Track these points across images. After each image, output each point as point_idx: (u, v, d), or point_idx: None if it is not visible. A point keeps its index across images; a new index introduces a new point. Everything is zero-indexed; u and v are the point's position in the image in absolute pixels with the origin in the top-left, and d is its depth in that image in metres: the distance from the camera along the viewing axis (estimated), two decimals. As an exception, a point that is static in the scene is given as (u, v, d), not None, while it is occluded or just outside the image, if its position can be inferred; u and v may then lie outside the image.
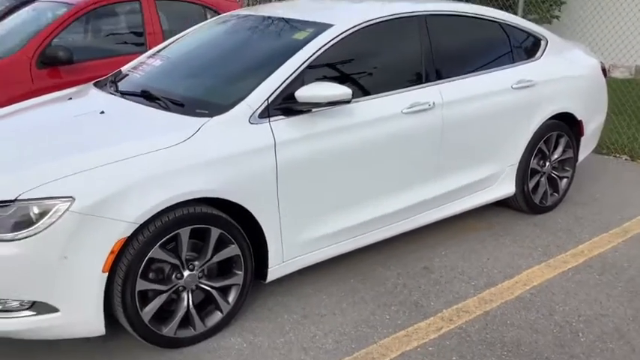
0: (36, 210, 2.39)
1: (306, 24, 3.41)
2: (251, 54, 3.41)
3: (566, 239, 3.93)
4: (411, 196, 3.53)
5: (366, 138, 3.21)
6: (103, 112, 3.03)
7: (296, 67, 3.04)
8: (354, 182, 3.23)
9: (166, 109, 3.00)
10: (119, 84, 3.53)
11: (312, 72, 3.10)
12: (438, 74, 3.59)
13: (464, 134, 3.67)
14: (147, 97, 3.16)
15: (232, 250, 2.83)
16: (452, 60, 3.71)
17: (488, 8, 4.09)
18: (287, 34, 3.41)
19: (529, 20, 9.40)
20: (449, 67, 3.66)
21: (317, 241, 3.16)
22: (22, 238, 2.37)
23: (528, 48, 4.18)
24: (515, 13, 6.83)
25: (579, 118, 4.38)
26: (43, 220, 2.38)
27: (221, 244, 2.79)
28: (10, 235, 2.37)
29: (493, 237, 3.95)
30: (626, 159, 5.76)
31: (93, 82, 3.73)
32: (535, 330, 2.93)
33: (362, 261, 3.56)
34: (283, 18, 3.62)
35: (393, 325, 2.97)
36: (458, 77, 3.67)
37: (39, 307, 2.46)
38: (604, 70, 4.67)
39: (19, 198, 2.39)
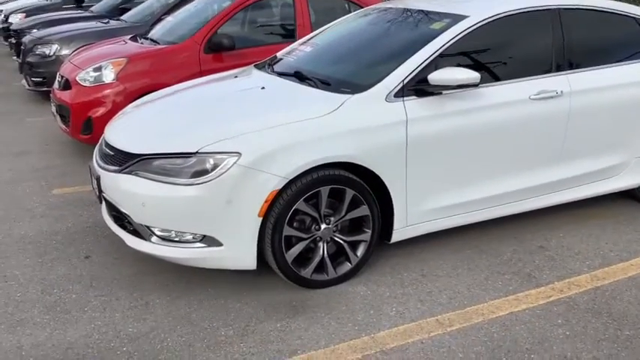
0: (211, 162, 2.98)
1: (443, 15, 3.76)
2: (390, 41, 3.83)
3: (692, 233, 3.95)
4: (532, 178, 3.76)
5: (492, 120, 3.50)
6: (263, 88, 3.61)
7: (430, 54, 3.41)
8: (477, 160, 3.54)
9: (315, 86, 3.51)
10: (275, 66, 4.11)
11: (446, 59, 3.45)
12: (567, 65, 3.78)
13: (589, 123, 3.83)
14: (299, 77, 3.70)
15: (363, 210, 3.27)
16: (582, 52, 3.87)
17: (623, 4, 4.17)
18: (424, 25, 3.78)
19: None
20: (579, 59, 3.84)
21: (438, 211, 3.52)
22: (199, 184, 2.97)
23: (663, 43, 4.20)
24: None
25: None
26: (216, 170, 2.97)
27: (354, 204, 3.25)
28: (190, 181, 2.99)
29: (614, 225, 4.06)
30: None
31: (254, 64, 4.35)
32: (643, 307, 3.09)
33: (479, 235, 3.86)
34: (422, 10, 4.00)
35: (504, 290, 3.26)
36: (587, 69, 3.84)
37: (208, 241, 3.07)
38: None
39: (199, 151, 3.00)
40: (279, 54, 4.43)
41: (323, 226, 3.21)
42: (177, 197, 2.99)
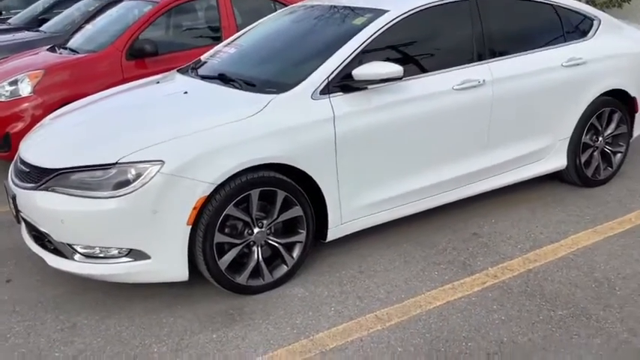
0: (132, 172, 2.86)
1: (364, 10, 3.75)
2: (314, 39, 3.79)
3: (615, 209, 4.09)
4: (462, 166, 3.81)
5: (418, 112, 3.52)
6: (186, 92, 3.50)
7: (353, 49, 3.39)
8: (407, 153, 3.55)
9: (240, 88, 3.43)
10: (199, 70, 4.01)
11: (369, 54, 3.43)
12: (488, 54, 3.84)
13: (513, 109, 3.91)
14: (223, 79, 3.61)
15: (296, 211, 3.22)
16: (502, 40, 3.94)
17: (538, -10, 4.28)
18: (347, 21, 3.76)
19: (598, 5, 9.33)
20: (499, 47, 3.90)
21: (372, 206, 3.51)
22: (121, 196, 2.85)
23: (580, 28, 4.34)
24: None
25: (633, 95, 4.49)
26: (139, 180, 2.85)
27: (286, 205, 3.19)
28: (111, 193, 2.85)
29: (543, 207, 4.16)
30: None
31: (177, 69, 4.22)
32: (574, 285, 3.16)
33: (414, 227, 3.88)
34: (345, 6, 3.97)
35: (440, 280, 3.27)
36: (507, 56, 3.91)
37: (135, 255, 2.94)
38: (660, 49, 4.74)
39: (120, 161, 2.87)
40: (203, 57, 4.32)
41: (256, 230, 3.14)
42: (98, 211, 2.85)
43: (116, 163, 2.87)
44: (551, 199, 4.29)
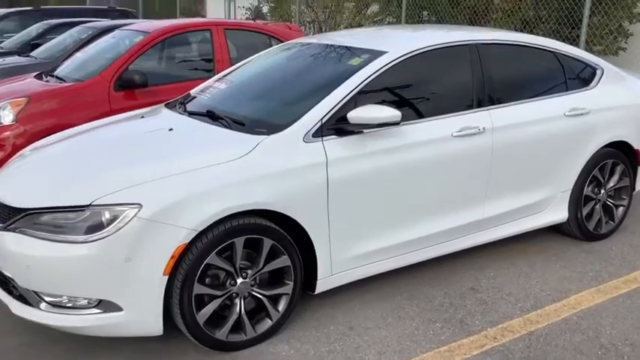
0: (107, 215, 2.64)
1: (361, 51, 3.60)
2: (309, 78, 3.63)
3: (619, 266, 3.90)
4: (460, 217, 3.61)
5: (415, 159, 3.34)
6: (171, 129, 3.31)
7: (349, 91, 3.22)
8: (403, 201, 3.35)
9: (228, 127, 3.23)
10: (187, 105, 3.82)
11: (366, 96, 3.27)
12: (489, 100, 3.69)
13: (513, 159, 3.74)
14: (211, 116, 3.42)
15: (283, 260, 3.00)
16: (503, 87, 3.80)
17: (542, 38, 4.16)
18: (343, 61, 3.61)
19: (595, 52, 9.31)
20: (500, 94, 3.75)
21: (365, 257, 3.30)
22: (93, 241, 2.62)
23: (583, 77, 4.22)
24: (578, 45, 6.81)
25: (636, 147, 4.35)
26: (113, 224, 2.63)
27: (273, 254, 2.97)
28: (82, 238, 2.63)
29: (544, 261, 3.96)
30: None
31: (164, 103, 4.04)
32: (579, 351, 2.94)
33: (409, 279, 3.66)
34: (341, 46, 3.83)
35: (436, 340, 3.04)
36: (508, 104, 3.76)
37: (105, 306, 2.70)
38: (664, 100, 4.62)
39: (93, 204, 2.65)
40: (192, 91, 4.14)
41: (239, 280, 2.91)
42: (67, 257, 2.62)
43: (90, 204, 2.65)
44: (552, 253, 4.10)
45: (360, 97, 3.25)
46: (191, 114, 3.59)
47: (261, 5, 16.66)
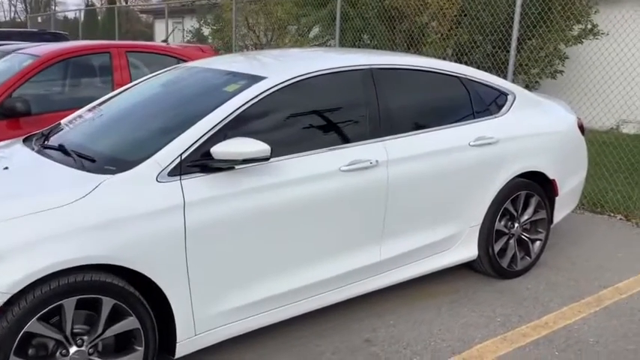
0: None
1: (240, 76, 3.22)
2: (178, 107, 3.23)
3: (531, 309, 3.58)
4: (353, 260, 3.24)
5: (295, 198, 2.95)
6: (6, 168, 2.85)
7: (217, 122, 2.83)
8: (282, 246, 2.96)
9: (74, 165, 2.78)
10: (51, 137, 3.36)
11: (240, 127, 2.88)
12: (384, 131, 3.34)
13: (413, 194, 3.40)
14: (63, 151, 2.97)
15: (131, 322, 2.55)
16: (401, 116, 3.47)
17: (445, 62, 3.87)
18: (219, 87, 3.22)
19: (531, 75, 9.21)
20: (397, 124, 3.42)
21: (238, 312, 2.88)
22: None
23: (492, 104, 3.93)
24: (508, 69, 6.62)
25: (551, 177, 4.08)
26: None
27: (117, 315, 2.52)
28: None
29: (451, 304, 3.62)
30: (620, 219, 5.41)
31: (23, 136, 3.56)
32: (471, 420, 2.58)
33: (297, 329, 3.25)
34: (224, 70, 3.45)
35: (312, 409, 2.64)
36: (406, 134, 3.43)
37: None
38: (581, 127, 4.40)
39: None
40: (63, 121, 3.68)
41: (73, 349, 2.44)
42: None
43: None
44: (462, 294, 3.76)
45: (233, 129, 2.86)
46: (45, 149, 3.13)
47: (202, 28, 16.28)
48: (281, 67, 3.34)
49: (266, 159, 2.75)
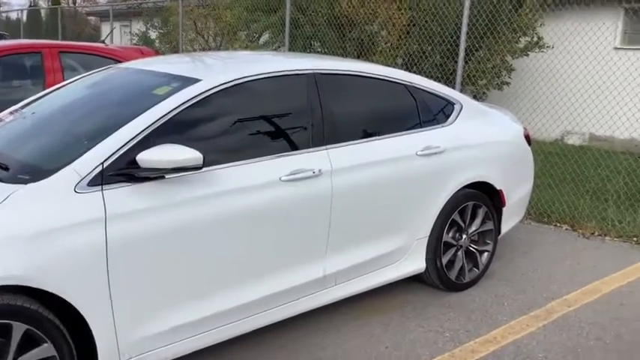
0: None
1: (173, 78, 3.00)
2: (103, 111, 2.97)
3: (479, 323, 3.47)
4: (294, 276, 3.05)
5: (231, 210, 2.74)
6: None
7: (144, 127, 2.60)
8: (217, 262, 2.74)
9: (-17, 174, 2.50)
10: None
11: (170, 133, 2.66)
12: (328, 139, 3.17)
13: (358, 205, 3.24)
14: (-23, 159, 2.68)
15: (46, 350, 2.29)
16: (346, 123, 3.32)
17: (392, 69, 3.73)
18: (149, 90, 2.98)
19: (479, 86, 9.27)
20: (342, 132, 3.26)
21: (169, 335, 2.64)
22: None
23: (439, 112, 3.82)
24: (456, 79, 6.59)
25: (499, 187, 3.99)
26: None
27: (30, 342, 2.26)
28: None
29: (399, 319, 3.47)
30: (566, 229, 5.40)
31: None
32: None
33: (239, 348, 3.04)
34: (155, 72, 3.22)
35: None
36: (351, 142, 3.27)
37: None
38: (527, 137, 4.34)
39: None
40: (-19, 126, 3.36)
41: (-25, 381, 2.18)
42: None
43: None
44: (410, 309, 3.62)
45: (163, 135, 2.64)
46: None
47: (148, 32, 15.86)
48: (218, 69, 3.14)
49: (198, 168, 2.54)
